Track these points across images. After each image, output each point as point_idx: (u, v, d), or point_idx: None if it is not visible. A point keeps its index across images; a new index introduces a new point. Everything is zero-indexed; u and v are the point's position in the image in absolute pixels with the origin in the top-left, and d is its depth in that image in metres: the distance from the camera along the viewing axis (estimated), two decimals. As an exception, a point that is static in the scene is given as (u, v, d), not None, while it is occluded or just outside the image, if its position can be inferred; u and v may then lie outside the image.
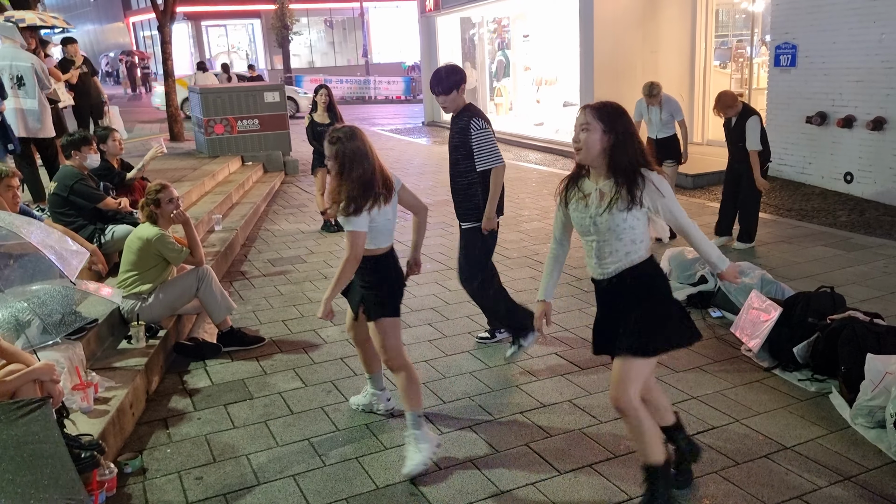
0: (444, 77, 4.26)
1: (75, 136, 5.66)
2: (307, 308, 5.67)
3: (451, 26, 19.22)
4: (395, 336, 3.51)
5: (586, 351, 4.65)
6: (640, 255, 2.81)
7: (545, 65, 16.41)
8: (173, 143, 13.66)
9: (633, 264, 2.81)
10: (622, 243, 2.78)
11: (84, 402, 3.60)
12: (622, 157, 2.71)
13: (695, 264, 5.50)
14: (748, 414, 3.79)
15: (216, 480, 3.38)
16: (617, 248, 2.79)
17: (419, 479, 3.33)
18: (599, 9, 11.82)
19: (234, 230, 7.54)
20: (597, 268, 2.89)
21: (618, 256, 2.80)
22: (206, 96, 11.76)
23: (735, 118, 6.54)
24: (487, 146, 4.28)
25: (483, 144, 4.28)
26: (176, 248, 4.73)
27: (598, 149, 2.72)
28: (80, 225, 5.46)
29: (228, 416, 4.00)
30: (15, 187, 4.31)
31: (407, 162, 13.12)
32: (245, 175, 10.65)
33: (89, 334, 4.27)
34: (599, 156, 2.73)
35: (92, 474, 3.06)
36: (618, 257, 2.80)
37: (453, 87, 4.27)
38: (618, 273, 2.83)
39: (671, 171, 7.41)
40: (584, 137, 2.72)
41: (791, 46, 9.31)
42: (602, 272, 2.87)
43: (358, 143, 3.43)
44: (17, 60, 6.96)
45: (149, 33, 41.23)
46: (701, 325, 5.00)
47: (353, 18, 39.84)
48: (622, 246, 2.78)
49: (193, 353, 4.78)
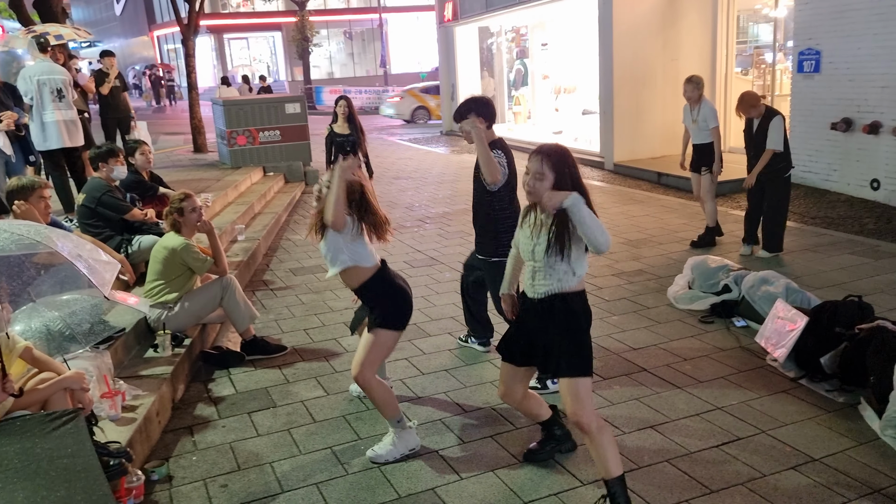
0: (459, 107, 4.35)
1: (103, 149, 5.76)
2: (328, 317, 5.70)
3: (470, 36, 19.29)
4: (382, 355, 3.63)
5: (610, 362, 4.63)
6: (570, 286, 3.01)
7: (564, 73, 16.39)
8: (197, 154, 13.83)
9: (563, 291, 3.01)
10: (555, 272, 2.99)
11: (112, 410, 3.65)
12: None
13: (718, 273, 5.46)
14: (774, 425, 3.75)
15: (241, 488, 3.41)
16: (549, 275, 3.01)
17: (441, 487, 3.33)
18: (619, 16, 11.80)
19: (256, 240, 7.62)
20: (530, 287, 3.10)
21: (550, 282, 3.01)
22: (229, 108, 11.90)
23: (758, 120, 6.43)
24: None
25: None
26: (200, 257, 4.78)
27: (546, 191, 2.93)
28: (108, 236, 5.55)
29: (252, 424, 4.03)
30: (47, 198, 4.39)
31: (426, 171, 13.17)
32: (267, 185, 10.75)
33: (117, 343, 4.33)
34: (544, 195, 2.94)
35: (120, 481, 3.10)
36: (550, 282, 3.01)
37: (464, 115, 4.29)
38: (548, 296, 3.03)
39: (705, 179, 7.15)
40: (538, 187, 2.93)
41: (815, 52, 9.23)
42: (534, 292, 3.07)
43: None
44: (54, 74, 7.12)
45: (172, 46, 41.87)
46: (725, 335, 4.96)
47: (371, 29, 40.17)
48: (554, 274, 3.00)
49: (218, 361, 4.83)
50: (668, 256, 6.91)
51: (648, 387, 4.25)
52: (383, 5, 36.70)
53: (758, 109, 6.42)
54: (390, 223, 3.70)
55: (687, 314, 5.36)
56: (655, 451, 3.55)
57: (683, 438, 3.66)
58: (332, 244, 3.55)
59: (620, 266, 6.65)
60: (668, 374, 4.41)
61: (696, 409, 3.95)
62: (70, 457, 1.74)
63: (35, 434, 1.81)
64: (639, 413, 3.94)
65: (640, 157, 12.12)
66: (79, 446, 1.77)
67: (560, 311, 3.02)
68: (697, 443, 3.61)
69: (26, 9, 11.10)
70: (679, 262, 6.39)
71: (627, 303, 5.68)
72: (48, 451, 1.74)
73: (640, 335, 5.03)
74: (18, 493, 1.61)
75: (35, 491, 1.61)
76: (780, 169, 6.46)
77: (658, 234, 7.70)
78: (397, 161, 14.59)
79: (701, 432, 3.71)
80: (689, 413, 3.91)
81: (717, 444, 3.58)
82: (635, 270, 6.50)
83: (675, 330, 5.09)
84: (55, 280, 2.90)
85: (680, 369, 4.46)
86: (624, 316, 5.39)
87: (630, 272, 6.45)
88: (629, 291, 5.94)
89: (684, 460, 3.46)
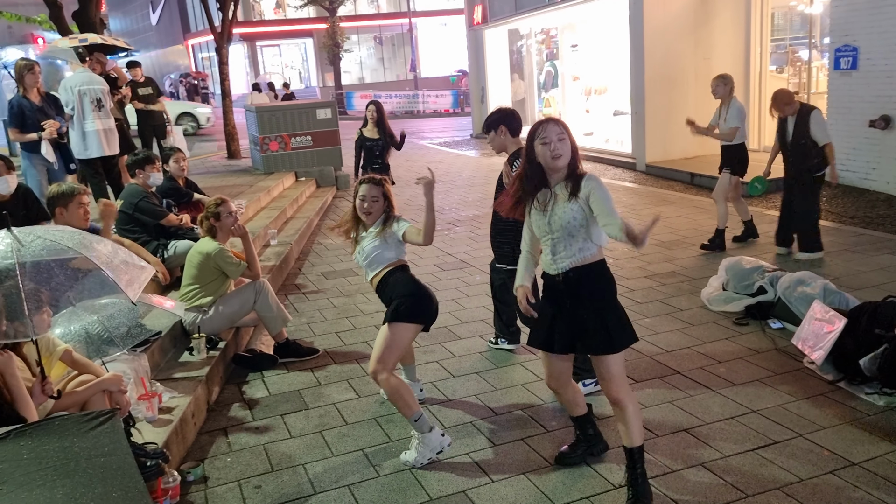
0: (488, 119, 4.50)
1: (140, 156, 5.89)
2: (359, 320, 5.74)
3: (499, 38, 19.28)
4: (398, 349, 3.68)
5: (643, 364, 4.59)
6: (591, 255, 3.06)
7: (594, 74, 16.28)
8: (231, 160, 14.04)
9: (584, 262, 3.05)
10: (574, 241, 3.03)
11: (149, 411, 3.72)
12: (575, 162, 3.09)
13: (753, 274, 5.37)
14: (812, 429, 3.68)
15: (274, 489, 3.45)
16: (569, 244, 3.05)
17: (471, 489, 3.33)
18: (650, 16, 11.70)
19: (288, 244, 7.70)
20: (551, 265, 3.13)
21: (570, 252, 3.05)
22: (261, 114, 12.07)
23: (793, 118, 6.31)
24: None
25: None
26: (234, 261, 4.86)
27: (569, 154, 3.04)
28: (145, 241, 5.66)
29: (285, 425, 4.07)
30: (85, 204, 4.49)
31: (456, 174, 13.19)
32: (298, 190, 10.87)
33: (154, 346, 4.41)
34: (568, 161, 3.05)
35: (157, 482, 3.16)
36: (570, 253, 3.05)
37: (492, 127, 4.46)
38: (571, 268, 3.06)
39: (722, 179, 6.99)
40: (563, 148, 3.03)
41: (852, 49, 9.04)
42: (556, 268, 3.10)
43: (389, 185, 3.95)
44: (93, 84, 7.29)
45: (206, 55, 42.59)
46: (760, 337, 4.88)
47: (401, 34, 40.38)
48: (574, 243, 3.04)
49: (251, 364, 4.90)
50: (701, 258, 6.82)
51: (682, 390, 4.20)
52: (413, 10, 36.89)
53: (792, 107, 6.32)
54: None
55: (721, 316, 5.29)
56: (689, 455, 3.50)
57: (718, 442, 3.60)
58: (381, 246, 3.76)
59: (653, 268, 6.58)
60: (701, 376, 4.35)
61: (731, 413, 3.89)
62: (106, 455, 1.78)
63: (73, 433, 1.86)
64: (672, 416, 3.90)
65: (672, 158, 11.98)
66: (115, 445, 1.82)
67: (585, 284, 3.07)
68: (732, 446, 3.55)
69: (66, 20, 11.38)
70: (713, 263, 6.30)
71: (660, 305, 5.62)
72: (86, 450, 1.79)
73: (673, 337, 4.98)
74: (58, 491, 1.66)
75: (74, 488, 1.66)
76: (813, 166, 6.32)
77: (691, 235, 7.60)
78: (428, 164, 14.61)
79: (736, 436, 3.65)
80: (724, 416, 3.86)
81: (753, 448, 3.52)
82: (668, 272, 6.43)
83: (708, 332, 5.02)
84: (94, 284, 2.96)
85: (714, 372, 4.40)
86: (657, 318, 5.33)
87: (663, 274, 6.38)
88: (662, 293, 5.88)
89: (719, 464, 3.41)
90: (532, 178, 3.10)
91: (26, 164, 6.77)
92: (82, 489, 1.65)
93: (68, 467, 1.73)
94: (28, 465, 1.70)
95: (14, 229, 2.75)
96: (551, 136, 3.01)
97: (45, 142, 6.53)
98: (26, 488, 1.63)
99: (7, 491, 1.62)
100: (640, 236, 2.70)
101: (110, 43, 8.99)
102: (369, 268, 3.87)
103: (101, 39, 9.10)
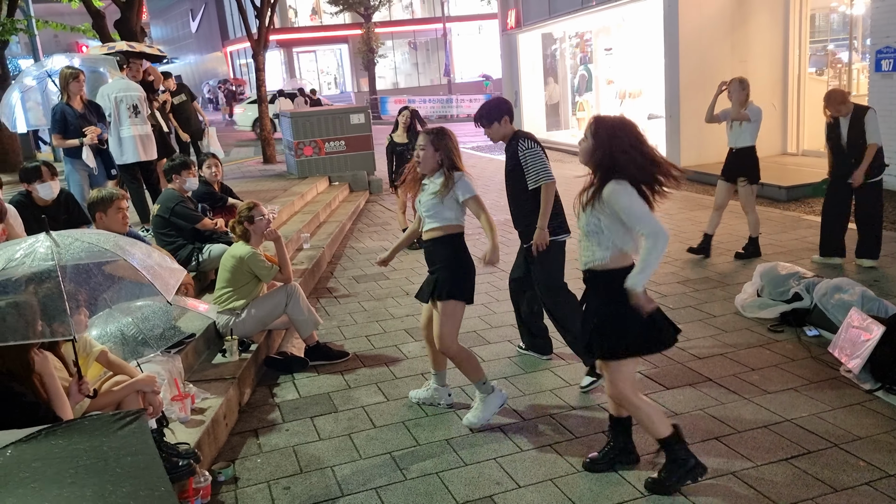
0: (487, 112, 4.50)
1: (176, 161, 6.02)
2: (389, 324, 5.78)
3: (533, 43, 19.25)
4: (455, 324, 3.92)
5: (674, 371, 4.54)
6: (606, 260, 3.10)
7: (629, 77, 16.16)
8: (266, 165, 14.24)
9: (601, 266, 3.12)
10: (591, 244, 3.12)
11: (182, 412, 3.80)
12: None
13: (789, 280, 5.27)
14: (848, 438, 3.59)
15: (302, 491, 3.49)
16: (587, 247, 3.15)
17: (498, 494, 3.33)
18: (685, 18, 11.57)
19: (321, 248, 7.79)
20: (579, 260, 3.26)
21: (588, 254, 3.15)
22: (296, 120, 12.23)
23: (846, 119, 6.07)
24: (536, 164, 4.37)
25: (531, 163, 4.38)
26: (266, 265, 4.93)
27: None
28: (180, 245, 5.78)
29: (315, 428, 4.12)
30: (124, 209, 4.61)
31: (488, 178, 13.17)
32: (332, 195, 10.98)
33: (187, 348, 4.50)
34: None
35: (188, 481, 3.22)
36: (588, 255, 3.15)
37: (495, 119, 4.47)
38: (587, 269, 3.18)
39: (744, 191, 6.76)
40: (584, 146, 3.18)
41: (893, 50, 8.82)
42: (581, 264, 3.23)
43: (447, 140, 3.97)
44: (130, 91, 7.48)
45: (245, 61, 43.26)
46: (795, 345, 4.79)
47: (435, 39, 40.53)
48: (590, 246, 3.13)
49: (282, 366, 4.96)
50: (735, 263, 6.71)
51: (714, 397, 4.14)
52: (447, 15, 37.01)
53: (847, 107, 6.08)
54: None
55: (755, 323, 5.20)
56: (720, 464, 3.45)
57: (750, 451, 3.54)
58: (438, 205, 3.89)
59: (686, 273, 6.50)
60: (734, 384, 4.28)
61: (764, 421, 3.82)
62: (134, 455, 1.84)
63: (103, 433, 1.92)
64: (703, 424, 3.85)
65: (707, 162, 11.80)
66: (142, 445, 1.88)
67: (595, 288, 3.14)
68: (765, 455, 3.49)
69: (107, 29, 11.69)
70: (748, 269, 6.20)
71: (693, 311, 5.55)
72: (115, 450, 1.85)
73: (705, 344, 4.91)
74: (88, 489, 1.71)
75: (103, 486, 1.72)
76: (873, 168, 6.05)
77: (726, 240, 7.49)
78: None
79: (768, 444, 3.59)
80: (757, 424, 3.79)
81: (786, 458, 3.46)
82: (701, 278, 6.34)
83: (742, 339, 4.95)
84: (130, 286, 3.04)
85: (747, 379, 4.33)
86: (689, 324, 5.26)
87: (696, 280, 6.30)
88: (695, 299, 5.80)
89: (750, 473, 3.35)
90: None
91: (69, 170, 6.96)
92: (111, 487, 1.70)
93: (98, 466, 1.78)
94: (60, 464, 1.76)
95: (53, 233, 2.84)
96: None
97: (85, 147, 6.71)
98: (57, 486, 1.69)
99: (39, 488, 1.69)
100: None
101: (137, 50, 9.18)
102: (427, 219, 3.95)
103: (128, 46, 9.30)
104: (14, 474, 1.73)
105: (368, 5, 34.87)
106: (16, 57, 29.15)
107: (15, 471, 1.74)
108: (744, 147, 6.74)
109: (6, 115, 9.06)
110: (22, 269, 2.62)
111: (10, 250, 2.74)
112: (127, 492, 1.72)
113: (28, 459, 1.78)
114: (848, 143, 6.13)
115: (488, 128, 4.51)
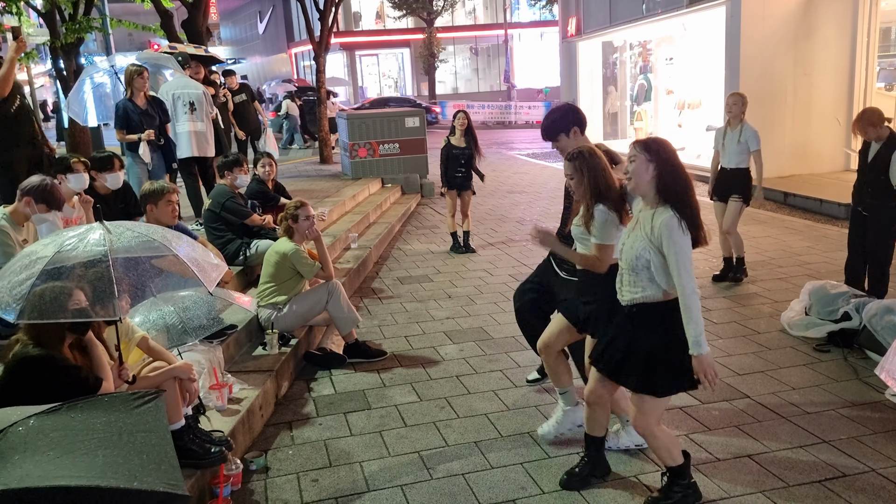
0: (550, 122, 3.92)
1: (230, 158, 6.22)
2: (429, 325, 5.83)
3: (593, 51, 19.10)
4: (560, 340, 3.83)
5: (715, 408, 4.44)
6: (655, 296, 2.95)
7: (689, 88, 15.87)
8: (322, 165, 14.52)
9: (647, 301, 2.96)
10: (639, 279, 2.96)
11: (219, 401, 3.93)
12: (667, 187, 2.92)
13: (838, 300, 5.11)
14: (888, 464, 3.47)
15: (330, 484, 3.57)
16: (634, 282, 2.99)
17: (521, 499, 3.34)
18: (748, 29, 11.31)
19: (368, 248, 7.91)
20: (619, 291, 3.10)
21: (634, 290, 3.00)
22: (352, 121, 12.44)
23: (876, 144, 5.32)
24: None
25: None
26: (308, 262, 5.05)
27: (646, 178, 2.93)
28: (229, 239, 5.96)
29: (347, 423, 4.20)
30: (174, 202, 4.79)
31: (540, 186, 13.14)
32: (383, 196, 11.12)
33: (229, 339, 4.65)
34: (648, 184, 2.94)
35: (220, 468, 3.34)
36: (634, 290, 3.00)
37: (561, 130, 3.86)
38: (632, 304, 3.01)
39: (734, 207, 6.47)
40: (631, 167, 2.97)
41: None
42: (621, 297, 3.08)
43: (598, 160, 3.32)
44: (188, 88, 7.76)
45: (308, 63, 44.16)
46: (841, 365, 4.64)
47: (497, 45, 40.60)
48: (638, 282, 2.96)
49: (321, 362, 5.07)
50: (786, 280, 6.54)
51: (750, 414, 4.05)
52: (509, 21, 37.04)
53: (877, 131, 5.27)
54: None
55: (800, 341, 5.06)
56: (750, 482, 3.38)
57: (782, 470, 3.46)
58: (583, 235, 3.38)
59: (733, 288, 6.36)
60: (773, 402, 4.19)
61: (800, 441, 3.72)
62: (146, 432, 1.95)
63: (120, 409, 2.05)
64: (736, 440, 3.77)
65: (766, 176, 11.43)
66: (156, 423, 1.99)
67: (640, 324, 3.00)
68: (797, 476, 3.41)
69: (175, 29, 12.13)
70: (796, 286, 6.03)
71: (737, 326, 5.43)
72: (129, 425, 1.96)
73: (746, 360, 4.80)
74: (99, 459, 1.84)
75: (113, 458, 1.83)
76: (888, 209, 5.34)
77: (778, 256, 7.30)
78: (513, 175, 14.66)
79: (802, 465, 3.50)
80: (792, 445, 3.70)
81: (819, 480, 3.37)
82: (749, 293, 6.20)
83: (785, 357, 4.82)
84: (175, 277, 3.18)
85: (787, 398, 4.22)
86: (731, 340, 5.16)
87: (743, 295, 6.16)
88: (740, 315, 5.68)
89: (780, 493, 3.28)
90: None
91: (129, 163, 7.24)
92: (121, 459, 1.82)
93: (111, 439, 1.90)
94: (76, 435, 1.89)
95: (106, 222, 3.00)
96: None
97: (143, 143, 6.98)
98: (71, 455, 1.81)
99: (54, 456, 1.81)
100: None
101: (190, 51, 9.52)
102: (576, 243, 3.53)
103: (194, 49, 9.66)
104: (33, 442, 1.87)
105: (431, 10, 35.19)
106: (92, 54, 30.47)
107: (34, 439, 1.88)
108: (739, 167, 6.49)
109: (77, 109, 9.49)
110: (75, 254, 2.79)
111: (63, 237, 2.91)
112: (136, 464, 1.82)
113: (48, 429, 1.91)
114: (868, 170, 5.41)
115: (555, 141, 3.87)
